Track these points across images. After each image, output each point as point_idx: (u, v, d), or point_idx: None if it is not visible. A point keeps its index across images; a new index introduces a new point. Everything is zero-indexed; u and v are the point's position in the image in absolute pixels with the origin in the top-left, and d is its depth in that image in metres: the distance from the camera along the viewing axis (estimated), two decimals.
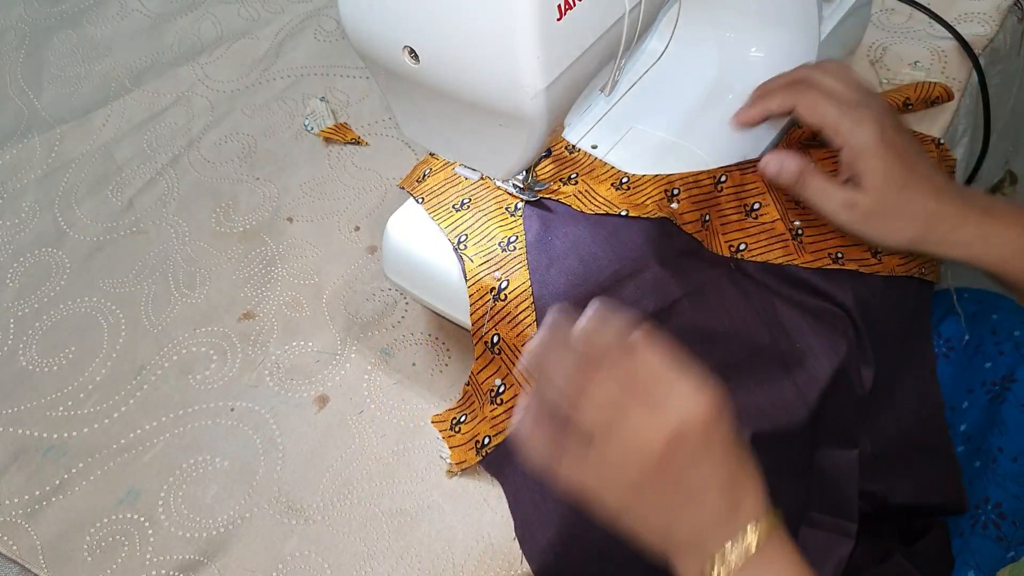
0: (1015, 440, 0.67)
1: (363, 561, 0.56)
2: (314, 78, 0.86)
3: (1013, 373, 0.69)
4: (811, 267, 0.59)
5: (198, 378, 0.65)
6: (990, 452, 0.67)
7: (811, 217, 0.61)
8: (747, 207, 0.61)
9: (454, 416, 0.60)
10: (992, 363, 0.71)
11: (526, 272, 0.56)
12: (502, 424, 0.57)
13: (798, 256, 0.60)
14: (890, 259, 0.61)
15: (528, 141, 0.49)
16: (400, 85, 0.50)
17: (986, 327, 0.73)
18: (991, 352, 0.72)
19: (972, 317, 0.75)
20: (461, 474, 0.58)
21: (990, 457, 0.67)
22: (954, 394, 0.73)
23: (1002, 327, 0.72)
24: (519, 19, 0.42)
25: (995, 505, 0.65)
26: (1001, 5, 0.79)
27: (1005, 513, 0.65)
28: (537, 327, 0.55)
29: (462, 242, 0.59)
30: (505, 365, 0.57)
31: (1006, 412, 0.68)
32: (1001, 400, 0.69)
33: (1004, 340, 0.71)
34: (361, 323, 0.67)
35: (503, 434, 0.57)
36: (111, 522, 0.58)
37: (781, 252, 0.60)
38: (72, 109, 0.85)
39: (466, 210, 0.60)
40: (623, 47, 0.50)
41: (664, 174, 0.60)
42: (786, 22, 0.65)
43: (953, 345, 0.75)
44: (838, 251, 0.60)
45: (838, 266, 0.60)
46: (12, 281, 0.72)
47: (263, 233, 0.74)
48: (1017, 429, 0.67)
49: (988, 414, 0.69)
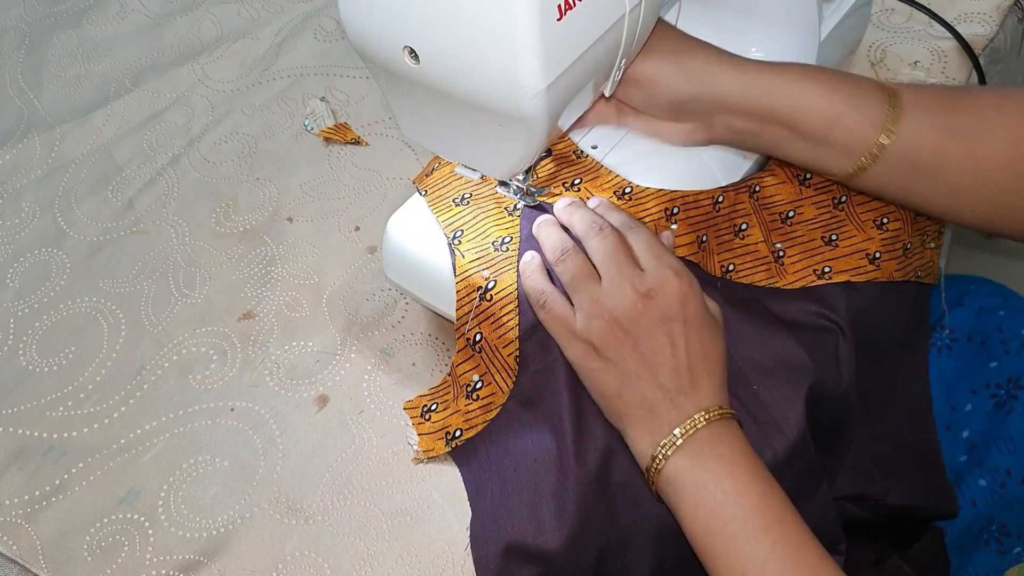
0: (1023, 458, 0.66)
1: (363, 561, 0.56)
2: (314, 78, 0.86)
3: (1020, 378, 0.68)
4: (793, 287, 0.60)
5: (198, 378, 0.65)
6: (998, 473, 0.66)
7: (795, 236, 0.61)
8: (736, 227, 0.62)
9: (425, 404, 0.60)
10: (998, 363, 0.70)
11: (515, 274, 0.57)
12: (475, 419, 0.57)
13: (779, 278, 0.60)
14: (888, 264, 0.61)
15: (528, 141, 0.49)
16: (400, 85, 0.50)
17: (992, 323, 0.72)
18: (997, 351, 0.71)
19: (978, 312, 0.74)
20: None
21: (998, 480, 0.66)
22: (956, 392, 0.72)
23: (1009, 325, 0.71)
24: (519, 19, 0.42)
25: (1000, 525, 0.65)
26: (1001, 5, 0.79)
27: (1010, 532, 0.64)
28: (519, 331, 0.56)
29: (457, 237, 0.59)
30: (484, 363, 0.57)
31: (1013, 425, 0.67)
32: (1008, 410, 0.68)
33: (1011, 339, 0.71)
34: (361, 323, 0.67)
35: (475, 429, 0.57)
36: (111, 522, 0.58)
37: (764, 275, 0.60)
38: (72, 109, 0.85)
39: (466, 205, 0.60)
40: (623, 47, 0.50)
41: (667, 190, 0.60)
42: (786, 22, 0.65)
43: (956, 337, 0.74)
44: (824, 266, 0.60)
45: (824, 281, 0.60)
46: (12, 281, 0.72)
47: (263, 233, 0.74)
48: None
49: (993, 422, 0.68)
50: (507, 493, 0.54)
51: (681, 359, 0.50)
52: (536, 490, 0.53)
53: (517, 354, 0.56)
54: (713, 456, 0.48)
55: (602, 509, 0.52)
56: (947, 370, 0.73)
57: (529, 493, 0.53)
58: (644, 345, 0.50)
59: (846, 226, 0.62)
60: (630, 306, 0.50)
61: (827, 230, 0.62)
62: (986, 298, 0.75)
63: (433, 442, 0.58)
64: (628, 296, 0.51)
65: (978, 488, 0.67)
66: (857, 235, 0.62)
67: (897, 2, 0.80)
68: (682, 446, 0.49)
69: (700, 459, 0.48)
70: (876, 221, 0.62)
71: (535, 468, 0.54)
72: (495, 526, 0.54)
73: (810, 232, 0.62)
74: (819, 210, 0.63)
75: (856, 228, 0.62)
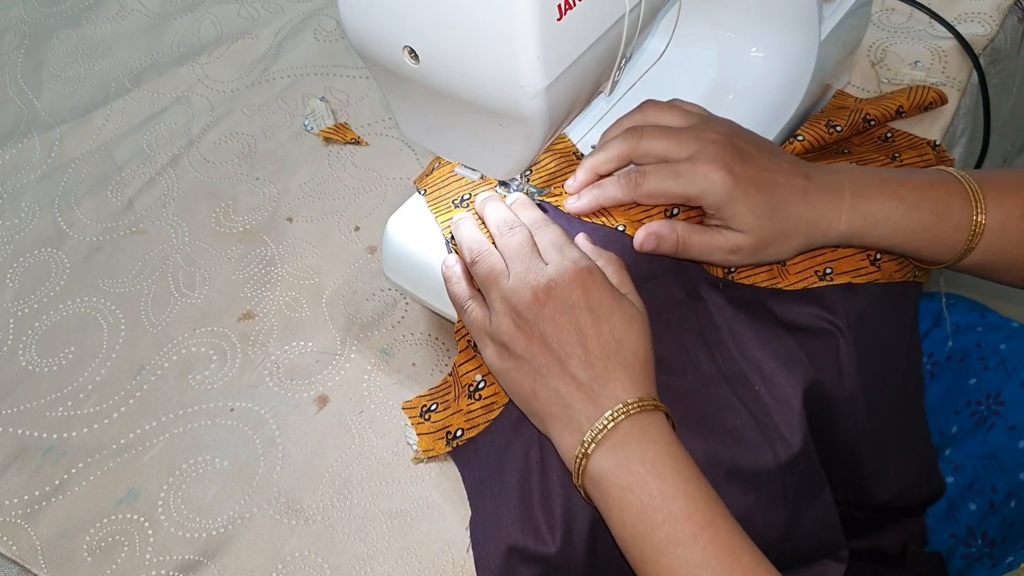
0: (1007, 475, 0.66)
1: (363, 561, 0.56)
2: (314, 78, 0.86)
3: (1000, 394, 0.68)
4: (795, 288, 0.59)
5: (198, 378, 0.65)
6: (985, 493, 0.66)
7: None
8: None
9: (424, 404, 0.60)
10: (977, 379, 0.70)
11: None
12: (477, 419, 0.57)
13: (781, 279, 0.60)
14: (888, 265, 0.61)
15: (527, 141, 0.49)
16: (400, 85, 0.50)
17: (971, 340, 0.72)
18: (975, 367, 0.70)
19: (956, 328, 0.74)
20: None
21: (986, 500, 0.66)
22: (942, 416, 0.72)
23: (987, 340, 0.71)
24: (519, 19, 0.42)
25: (989, 543, 0.65)
26: (1001, 5, 0.79)
27: (995, 541, 0.64)
28: None
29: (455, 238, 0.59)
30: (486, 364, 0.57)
31: (995, 440, 0.67)
32: (989, 425, 0.67)
33: (989, 355, 0.70)
34: (361, 323, 0.67)
35: (476, 429, 0.57)
36: (111, 522, 0.58)
37: (766, 276, 0.60)
38: (72, 109, 0.85)
39: (465, 207, 0.60)
40: (623, 47, 0.50)
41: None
42: (786, 22, 0.65)
43: (937, 360, 0.73)
44: (826, 267, 0.60)
45: (826, 282, 0.60)
46: (12, 281, 0.72)
47: (263, 233, 0.74)
48: (1008, 459, 0.66)
49: (975, 441, 0.68)
50: (507, 493, 0.54)
51: (591, 348, 0.49)
52: (529, 491, 0.53)
53: None
54: (637, 456, 0.46)
55: (591, 509, 0.52)
56: (931, 394, 0.73)
57: (525, 494, 0.53)
58: (551, 337, 0.49)
59: None
60: (531, 298, 0.50)
61: None
62: (963, 315, 0.75)
63: (433, 442, 0.58)
64: (529, 288, 0.50)
65: (969, 512, 0.67)
66: None
67: (897, 2, 0.80)
68: (603, 442, 0.47)
69: (624, 459, 0.46)
70: None
71: (528, 469, 0.54)
72: (496, 526, 0.54)
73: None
74: None
75: None
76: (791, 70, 0.67)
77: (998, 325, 0.73)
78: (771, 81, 0.67)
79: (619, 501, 0.46)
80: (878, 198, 0.56)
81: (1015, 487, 0.65)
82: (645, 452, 0.47)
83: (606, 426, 0.47)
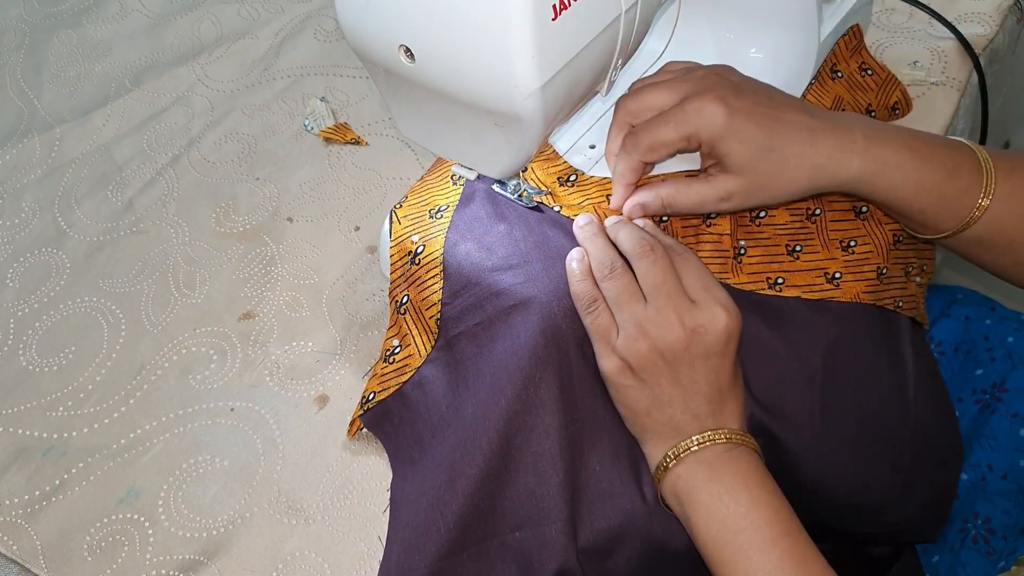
0: (1005, 456, 0.66)
1: (363, 561, 0.56)
2: (314, 78, 0.86)
3: (1004, 382, 0.68)
4: (743, 289, 0.58)
5: (198, 378, 0.65)
6: (979, 468, 0.67)
7: (761, 237, 0.60)
8: (707, 214, 0.60)
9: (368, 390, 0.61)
10: (983, 370, 0.70)
11: (442, 240, 0.58)
12: (389, 382, 0.58)
13: (733, 276, 0.59)
14: (852, 285, 0.59)
15: (523, 141, 0.49)
16: (397, 84, 0.50)
17: (979, 332, 0.72)
18: (983, 358, 0.71)
19: (965, 321, 0.74)
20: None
21: (979, 474, 0.67)
22: None
23: (995, 333, 0.71)
24: (514, 18, 0.42)
25: (984, 520, 0.65)
26: (1001, 5, 0.79)
27: (995, 528, 0.64)
28: (442, 294, 0.56)
29: (400, 204, 0.61)
30: (405, 326, 0.59)
31: (996, 424, 0.67)
32: (991, 411, 0.68)
33: (997, 346, 0.70)
34: (361, 323, 0.67)
35: (387, 391, 0.58)
36: (111, 522, 0.58)
37: (719, 268, 0.58)
38: (72, 109, 0.85)
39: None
40: (619, 47, 0.50)
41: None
42: (786, 22, 0.65)
43: (944, 350, 0.74)
44: (779, 276, 0.59)
45: (774, 292, 0.58)
46: (12, 281, 0.72)
47: (263, 233, 0.74)
48: (1007, 443, 0.66)
49: (976, 424, 0.68)
50: (425, 457, 0.55)
51: (716, 389, 0.51)
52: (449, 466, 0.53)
53: (438, 317, 0.57)
54: (730, 471, 0.50)
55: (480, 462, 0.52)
56: None
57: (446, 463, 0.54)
58: (684, 376, 0.51)
59: (812, 240, 0.60)
60: (675, 339, 0.50)
61: (793, 239, 0.60)
62: (972, 307, 0.75)
63: (356, 413, 0.59)
64: (675, 328, 0.50)
65: (962, 483, 0.67)
66: (820, 252, 0.60)
67: (898, 1, 0.79)
68: (698, 453, 0.50)
69: (716, 472, 0.50)
70: (843, 243, 0.61)
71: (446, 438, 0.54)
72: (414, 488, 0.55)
73: (776, 236, 0.60)
74: (792, 216, 0.61)
75: (821, 245, 0.60)
76: (791, 71, 0.67)
77: (1007, 317, 0.73)
78: (771, 82, 0.67)
79: (707, 508, 0.49)
80: (891, 144, 0.54)
81: (1012, 470, 0.65)
82: (738, 469, 0.50)
83: (704, 441, 0.50)
